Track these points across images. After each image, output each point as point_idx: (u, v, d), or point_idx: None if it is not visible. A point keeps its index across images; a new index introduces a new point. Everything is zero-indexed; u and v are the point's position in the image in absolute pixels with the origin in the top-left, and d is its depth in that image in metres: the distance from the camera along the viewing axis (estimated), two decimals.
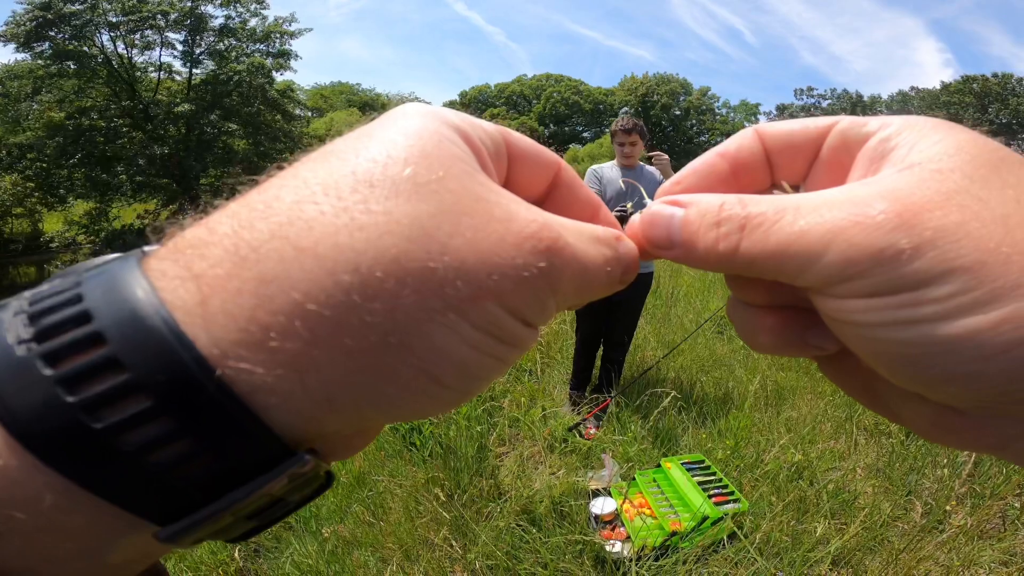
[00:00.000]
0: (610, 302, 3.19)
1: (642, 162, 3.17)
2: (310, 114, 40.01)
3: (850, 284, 0.19)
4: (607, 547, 1.96)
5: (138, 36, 23.46)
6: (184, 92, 24.78)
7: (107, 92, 22.86)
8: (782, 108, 51.23)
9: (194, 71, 25.40)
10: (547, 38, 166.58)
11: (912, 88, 48.56)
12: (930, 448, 2.65)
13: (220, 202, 0.19)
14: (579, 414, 3.17)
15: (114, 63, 22.98)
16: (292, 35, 26.54)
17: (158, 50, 24.39)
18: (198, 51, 24.99)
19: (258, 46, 26.12)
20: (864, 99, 48.88)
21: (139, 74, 24.37)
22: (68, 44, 21.32)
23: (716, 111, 51.70)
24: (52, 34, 20.96)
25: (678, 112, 50.30)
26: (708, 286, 6.52)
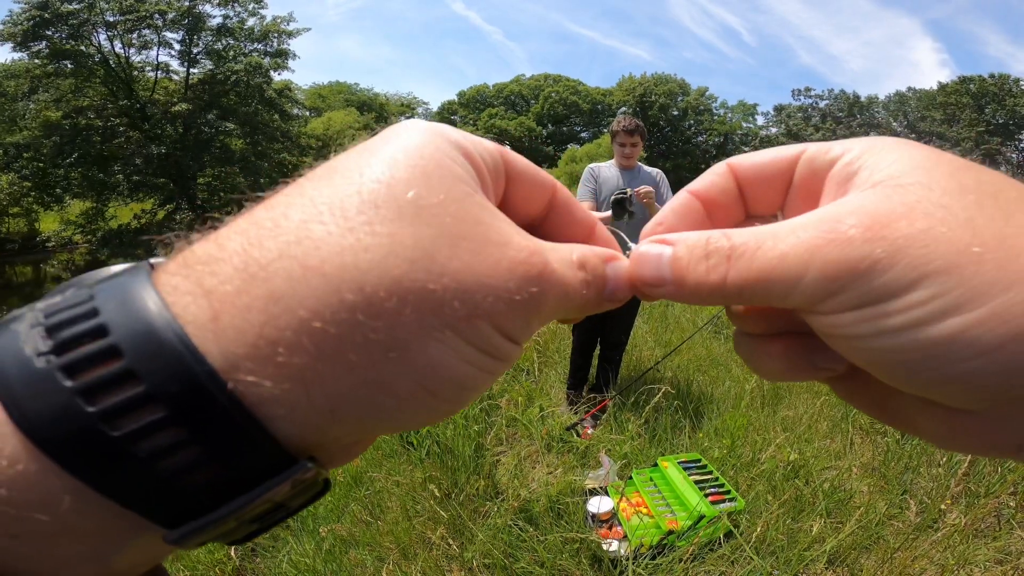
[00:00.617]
0: None
1: (640, 163, 3.17)
2: (308, 113, 39.94)
3: (834, 300, 0.19)
4: (604, 546, 1.97)
5: (135, 35, 23.40)
6: (181, 91, 24.72)
7: (104, 91, 22.79)
8: (780, 108, 51.21)
9: (191, 70, 25.35)
10: (545, 37, 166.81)
11: (909, 88, 48.72)
12: (925, 447, 2.66)
13: (229, 217, 0.19)
14: (576, 414, 3.18)
15: (111, 62, 22.91)
16: (290, 34, 26.49)
17: (155, 49, 24.35)
18: (195, 50, 24.94)
19: (256, 45, 26.07)
20: (861, 99, 48.94)
21: (136, 73, 24.30)
22: (65, 43, 21.25)
23: (714, 111, 51.68)
24: (49, 33, 20.88)
25: (676, 112, 50.28)
26: None
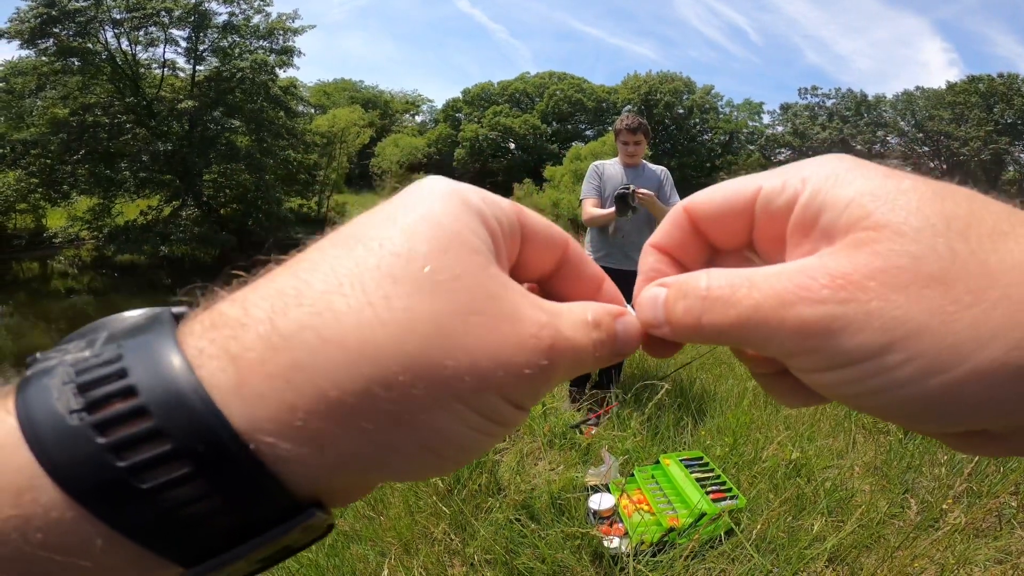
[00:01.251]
0: None
1: (644, 160, 3.17)
2: (313, 111, 39.99)
3: (809, 357, 0.20)
4: (605, 542, 1.98)
5: (142, 33, 23.46)
6: (187, 89, 24.77)
7: (111, 89, 22.87)
8: (786, 107, 50.96)
9: (197, 68, 25.38)
10: (550, 36, 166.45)
11: (917, 88, 48.37)
12: (928, 447, 2.66)
13: (253, 277, 0.20)
14: (580, 411, 3.19)
15: (118, 60, 22.99)
16: (295, 32, 26.52)
17: (162, 47, 24.40)
18: (201, 48, 24.99)
19: (261, 43, 26.11)
20: (868, 98, 48.66)
21: (143, 71, 24.37)
22: (72, 41, 21.35)
23: (720, 110, 51.43)
24: (56, 30, 20.99)
25: (681, 111, 50.06)
26: None
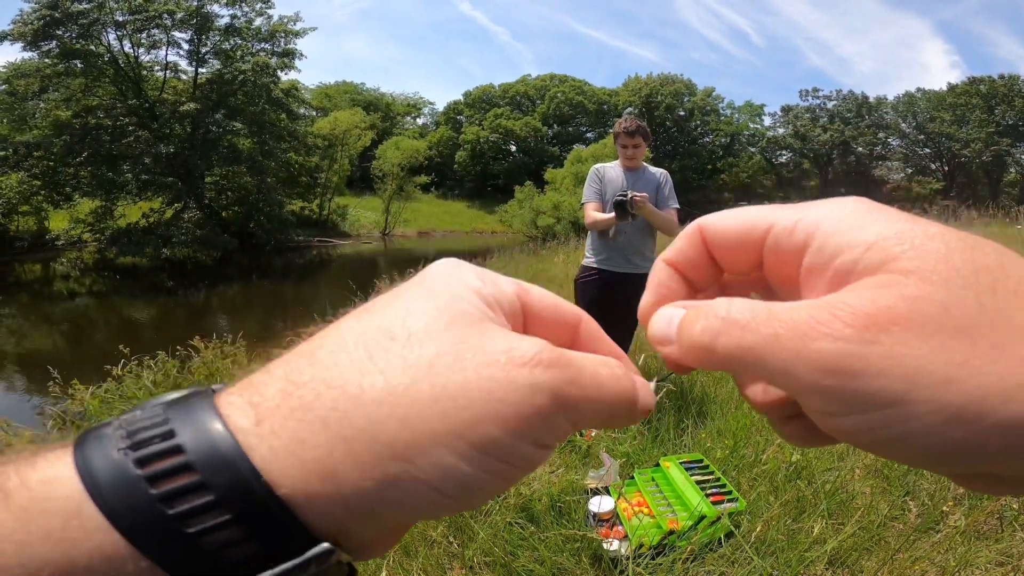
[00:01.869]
0: (611, 303, 3.19)
1: (644, 163, 3.17)
2: (315, 113, 40.08)
3: (827, 398, 0.20)
4: (605, 545, 1.98)
5: (144, 35, 23.59)
6: (190, 91, 24.89)
7: (113, 91, 22.98)
8: (787, 109, 50.96)
9: (200, 70, 25.52)
10: (552, 38, 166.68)
11: (918, 89, 48.30)
12: None
13: (298, 370, 0.22)
14: None
15: (120, 62, 23.10)
16: (297, 34, 26.64)
17: (164, 49, 24.54)
18: (204, 50, 25.12)
19: (263, 45, 26.23)
20: (870, 100, 48.64)
21: (145, 73, 24.49)
22: (75, 43, 21.45)
23: (721, 112, 51.48)
24: (59, 33, 21.08)
25: (682, 113, 50.12)
26: None
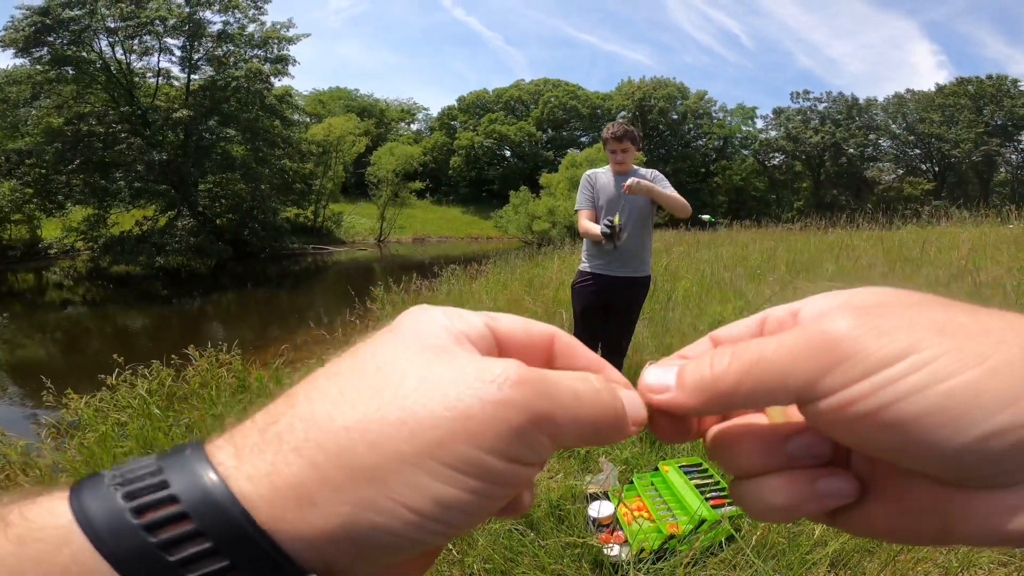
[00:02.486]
0: (608, 306, 3.19)
1: (636, 165, 3.18)
2: (308, 119, 39.98)
3: (835, 373, 0.20)
4: (605, 550, 1.96)
5: (136, 42, 23.49)
6: (182, 98, 24.80)
7: (105, 98, 22.88)
8: (779, 111, 51.27)
9: (192, 77, 25.45)
10: (545, 43, 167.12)
11: (907, 90, 48.71)
12: None
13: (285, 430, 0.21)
14: None
15: (112, 69, 23.01)
16: (290, 40, 26.61)
17: (156, 56, 24.46)
18: (196, 57, 25.04)
19: (256, 52, 26.18)
20: (860, 102, 49.00)
21: (137, 80, 24.39)
22: (66, 49, 21.34)
23: (713, 115, 51.81)
24: (50, 39, 20.98)
25: (675, 116, 50.42)
26: (706, 290, 6.54)
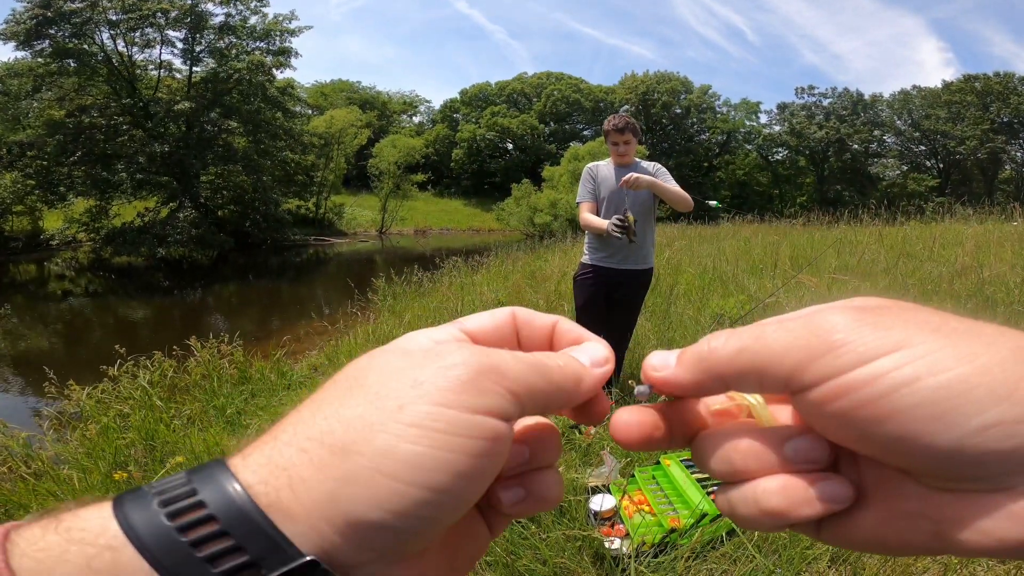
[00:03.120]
0: (610, 299, 3.18)
1: (638, 158, 3.16)
2: (310, 112, 39.93)
3: (830, 357, 0.21)
4: (606, 543, 1.97)
5: (138, 34, 23.43)
6: (184, 90, 24.75)
7: (107, 90, 22.84)
8: (783, 106, 50.96)
9: (194, 69, 25.38)
10: (548, 36, 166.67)
11: (913, 87, 48.41)
12: None
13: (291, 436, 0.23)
14: None
15: (114, 61, 22.96)
16: (292, 33, 26.50)
17: (158, 48, 24.41)
18: (198, 49, 24.98)
19: (258, 44, 26.09)
20: (865, 98, 48.66)
21: (139, 72, 24.33)
22: (68, 42, 21.30)
23: (717, 110, 51.50)
24: (52, 32, 20.93)
25: (679, 110, 50.14)
26: (708, 284, 6.53)
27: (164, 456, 2.99)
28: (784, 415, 0.27)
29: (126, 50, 23.56)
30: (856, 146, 47.74)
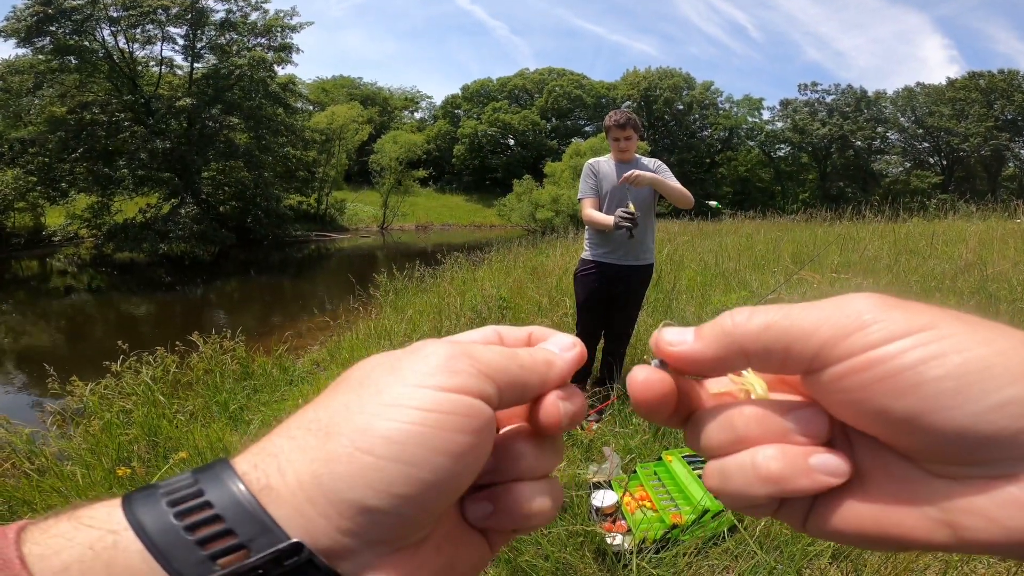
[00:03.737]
0: (611, 294, 3.18)
1: (639, 154, 3.15)
2: (312, 108, 39.78)
3: (856, 336, 0.21)
4: (608, 539, 1.97)
5: (139, 31, 23.37)
6: (185, 86, 24.71)
7: (108, 87, 22.82)
8: (786, 103, 50.76)
9: (195, 65, 25.34)
10: (550, 32, 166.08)
11: (917, 84, 48.17)
12: None
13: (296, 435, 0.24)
14: None
15: (115, 58, 22.93)
16: (293, 29, 26.43)
17: (159, 44, 24.36)
18: (199, 45, 24.92)
19: (259, 40, 26.02)
20: (868, 95, 48.44)
21: (140, 68, 24.30)
22: (69, 39, 21.26)
23: (719, 106, 51.35)
24: (53, 29, 20.89)
25: (681, 107, 50.01)
26: (710, 279, 6.51)
27: (167, 452, 2.99)
28: None
29: (127, 47, 23.53)
30: (859, 143, 47.58)
